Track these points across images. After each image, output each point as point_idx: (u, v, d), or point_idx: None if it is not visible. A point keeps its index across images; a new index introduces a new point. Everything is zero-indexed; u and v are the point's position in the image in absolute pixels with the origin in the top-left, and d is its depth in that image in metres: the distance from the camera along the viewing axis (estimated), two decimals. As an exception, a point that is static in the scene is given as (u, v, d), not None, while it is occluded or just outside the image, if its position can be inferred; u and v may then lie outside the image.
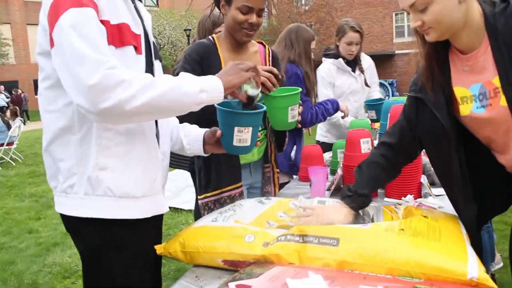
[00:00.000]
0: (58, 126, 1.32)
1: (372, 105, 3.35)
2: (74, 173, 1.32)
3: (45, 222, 5.38)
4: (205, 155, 1.68)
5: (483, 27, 1.32)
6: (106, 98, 1.15)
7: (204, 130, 1.66)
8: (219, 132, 1.52)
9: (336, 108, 2.99)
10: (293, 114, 1.81)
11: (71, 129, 1.31)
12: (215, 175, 2.01)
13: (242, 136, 1.45)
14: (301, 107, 1.88)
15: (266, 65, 2.11)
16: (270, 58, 2.14)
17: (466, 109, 1.41)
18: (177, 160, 2.80)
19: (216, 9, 2.03)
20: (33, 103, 26.06)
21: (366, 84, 3.52)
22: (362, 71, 3.52)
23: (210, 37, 2.07)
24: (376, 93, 3.72)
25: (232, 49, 2.04)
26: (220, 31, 3.02)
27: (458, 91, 1.41)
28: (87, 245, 1.39)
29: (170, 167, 1.72)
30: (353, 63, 3.51)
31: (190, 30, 23.57)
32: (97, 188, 1.31)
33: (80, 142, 1.31)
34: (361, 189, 1.57)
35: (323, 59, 3.58)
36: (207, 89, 1.31)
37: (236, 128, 1.44)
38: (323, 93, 3.44)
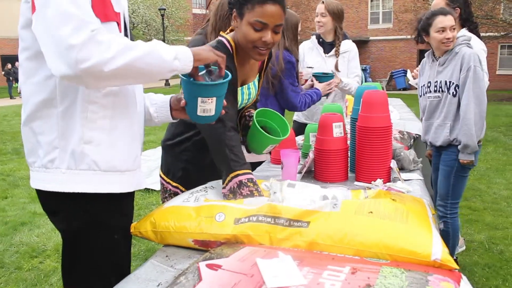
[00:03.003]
0: (38, 99, 1.30)
1: (316, 77, 3.19)
2: (55, 147, 1.31)
3: (12, 201, 5.29)
4: (173, 121, 1.64)
5: None
6: (85, 59, 1.12)
7: (170, 96, 1.63)
8: (183, 101, 1.48)
9: (318, 100, 3.07)
10: (269, 149, 1.86)
11: (52, 102, 1.29)
12: (192, 178, 1.97)
13: (206, 106, 1.43)
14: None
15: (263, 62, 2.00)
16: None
17: None
18: None
19: None
20: (0, 80, 25.29)
21: (337, 69, 3.48)
22: (337, 54, 3.48)
23: (226, 43, 1.78)
24: (353, 82, 3.52)
25: (245, 62, 1.86)
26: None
27: None
28: (68, 222, 1.37)
29: None
30: (329, 46, 3.51)
31: (164, 9, 23.20)
32: (81, 162, 1.30)
33: (62, 115, 1.29)
34: None
35: None
36: (180, 57, 1.30)
37: (199, 99, 1.42)
38: None
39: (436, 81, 2.89)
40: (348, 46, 3.56)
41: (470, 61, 2.71)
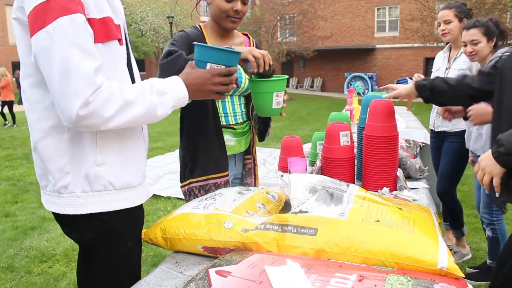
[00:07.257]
0: (46, 125, 1.29)
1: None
2: (67, 173, 1.30)
3: (22, 206, 5.32)
4: None
5: None
6: (85, 118, 1.16)
7: None
8: None
9: None
10: (278, 100, 1.82)
11: (60, 128, 1.28)
12: (203, 161, 2.02)
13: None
14: (286, 95, 1.90)
15: None
16: None
17: None
18: None
19: None
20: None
21: None
22: None
23: (197, 25, 2.09)
24: None
25: (219, 38, 2.08)
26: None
27: None
28: (83, 233, 1.38)
29: None
30: None
31: (173, 17, 23.40)
32: (96, 184, 1.31)
33: (71, 141, 1.29)
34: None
35: None
36: (177, 104, 1.37)
37: (208, 65, 1.45)
38: None
39: None
40: None
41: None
